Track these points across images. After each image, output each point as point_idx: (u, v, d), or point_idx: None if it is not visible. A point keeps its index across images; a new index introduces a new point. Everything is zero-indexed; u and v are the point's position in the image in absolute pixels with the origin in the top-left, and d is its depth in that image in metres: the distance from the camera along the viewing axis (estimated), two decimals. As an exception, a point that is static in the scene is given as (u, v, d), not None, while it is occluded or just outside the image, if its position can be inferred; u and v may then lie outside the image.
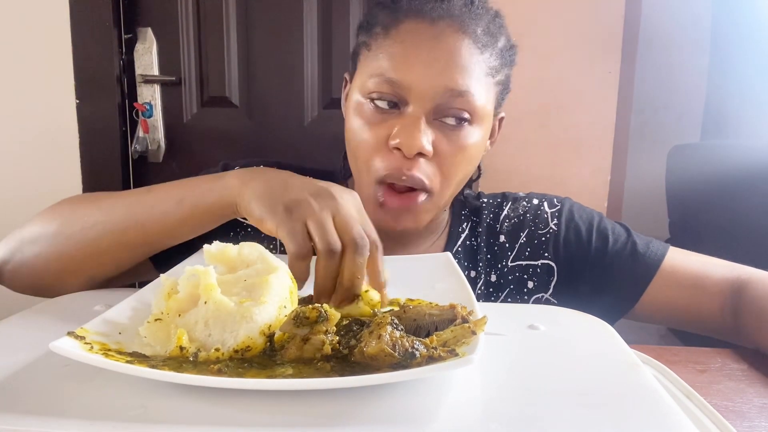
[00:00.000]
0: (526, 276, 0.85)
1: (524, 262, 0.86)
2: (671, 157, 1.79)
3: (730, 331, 0.77)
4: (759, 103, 1.78)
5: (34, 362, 0.43)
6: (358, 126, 0.76)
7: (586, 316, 0.59)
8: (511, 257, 0.86)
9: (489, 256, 0.87)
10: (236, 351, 0.43)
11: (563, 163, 1.70)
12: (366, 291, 0.56)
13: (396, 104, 0.74)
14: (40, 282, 0.72)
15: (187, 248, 0.69)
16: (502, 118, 0.87)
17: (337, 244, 0.54)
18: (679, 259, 0.82)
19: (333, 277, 0.55)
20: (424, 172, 0.73)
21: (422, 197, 0.75)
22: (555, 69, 1.65)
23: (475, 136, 0.76)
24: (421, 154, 0.72)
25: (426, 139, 0.72)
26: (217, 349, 0.43)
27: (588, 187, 1.70)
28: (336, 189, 0.60)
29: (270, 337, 0.45)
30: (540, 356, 0.48)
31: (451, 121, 0.73)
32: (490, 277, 0.85)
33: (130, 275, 0.76)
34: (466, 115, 0.74)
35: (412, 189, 0.74)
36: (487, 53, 0.75)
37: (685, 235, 1.72)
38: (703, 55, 1.95)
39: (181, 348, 0.42)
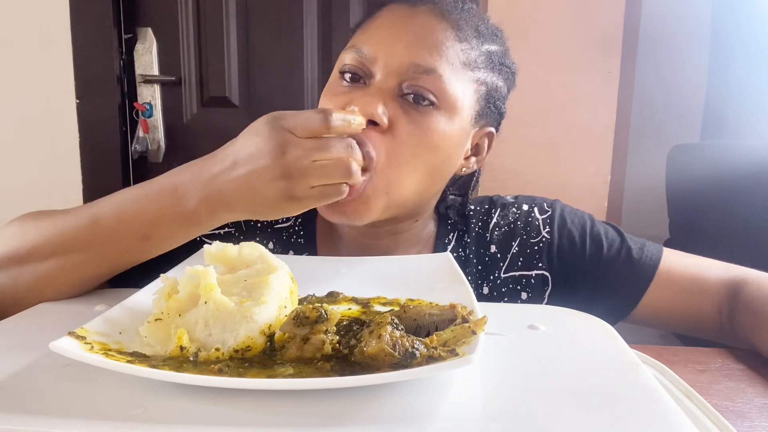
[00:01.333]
0: (519, 287, 0.82)
1: (517, 273, 0.82)
2: (671, 157, 1.79)
3: (726, 333, 0.77)
4: (759, 103, 1.78)
5: (34, 362, 0.43)
6: (323, 99, 0.75)
7: (586, 316, 0.59)
8: (504, 268, 0.83)
9: (480, 267, 0.83)
10: (236, 351, 0.43)
11: (563, 163, 1.70)
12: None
13: (362, 79, 0.72)
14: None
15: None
16: (491, 135, 0.82)
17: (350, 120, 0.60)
18: (675, 262, 0.81)
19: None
20: (370, 138, 0.67)
21: (365, 176, 0.67)
22: (555, 69, 1.65)
23: (440, 122, 0.71)
24: (373, 126, 0.67)
25: (381, 108, 0.68)
26: (217, 349, 0.43)
27: (588, 187, 1.70)
28: (269, 117, 0.60)
29: (270, 337, 0.45)
30: (540, 356, 0.48)
31: (414, 98, 0.70)
32: (482, 290, 0.83)
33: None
34: (432, 97, 0.70)
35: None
36: (467, 44, 0.73)
37: (685, 235, 1.72)
38: (703, 56, 1.95)
39: (182, 348, 0.42)
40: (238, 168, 0.58)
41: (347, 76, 0.73)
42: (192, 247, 0.67)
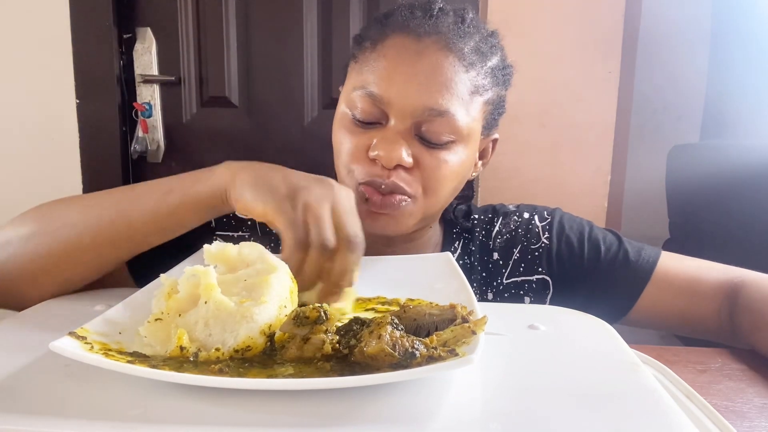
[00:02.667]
0: (522, 292, 0.84)
1: (519, 279, 0.85)
2: (671, 157, 1.79)
3: (726, 334, 0.77)
4: (759, 103, 1.78)
5: (35, 362, 0.43)
6: (341, 136, 0.78)
7: (586, 316, 0.59)
8: (506, 274, 0.85)
9: (484, 274, 0.86)
10: (236, 351, 0.43)
11: (563, 163, 1.70)
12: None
13: (378, 122, 0.75)
14: (12, 287, 0.66)
15: (167, 258, 0.66)
16: (495, 140, 0.86)
17: (332, 241, 0.54)
18: (672, 265, 0.81)
19: (320, 271, 0.55)
20: (403, 180, 0.73)
21: (403, 200, 0.75)
22: (555, 69, 1.65)
23: (459, 154, 0.75)
24: (400, 166, 0.73)
25: (405, 151, 0.72)
26: (217, 349, 0.43)
27: (588, 187, 1.70)
28: (334, 182, 0.60)
29: (270, 336, 0.45)
30: (540, 356, 0.48)
31: (431, 137, 0.73)
32: (486, 296, 0.85)
33: (106, 281, 0.72)
34: (449, 137, 0.74)
35: (393, 193, 0.74)
36: (474, 72, 0.75)
37: (686, 236, 1.72)
38: (703, 55, 1.95)
39: (182, 348, 0.42)
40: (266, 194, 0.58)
41: (361, 117, 0.75)
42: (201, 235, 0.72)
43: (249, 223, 0.86)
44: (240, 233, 0.87)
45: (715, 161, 1.63)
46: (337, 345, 0.43)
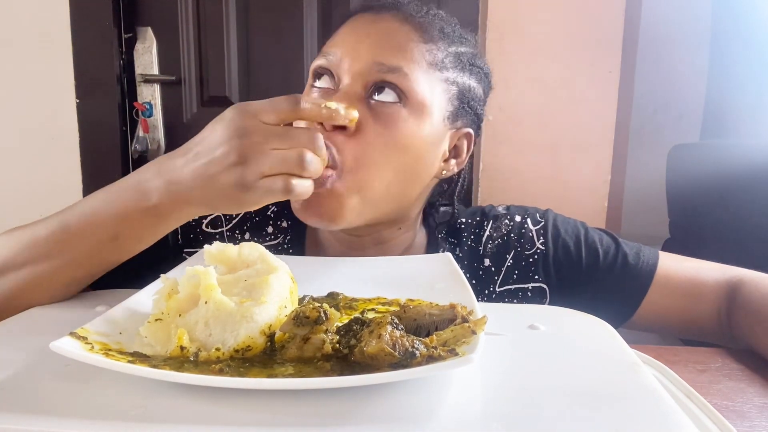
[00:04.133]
0: (516, 300, 0.81)
1: (513, 286, 0.81)
2: (671, 157, 1.79)
3: (726, 335, 0.77)
4: (759, 103, 1.78)
5: (35, 362, 0.43)
6: None
7: (586, 316, 0.59)
8: (499, 282, 0.82)
9: (474, 282, 0.82)
10: (237, 351, 0.43)
11: (563, 163, 1.70)
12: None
13: (332, 88, 0.73)
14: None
15: (132, 278, 0.63)
16: (470, 135, 0.80)
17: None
18: (672, 266, 0.80)
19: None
20: (338, 146, 0.67)
21: (330, 175, 0.67)
22: (555, 69, 1.65)
23: (408, 121, 0.70)
24: (340, 130, 0.67)
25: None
26: (217, 349, 0.43)
27: (588, 187, 1.70)
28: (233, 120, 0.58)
29: (270, 337, 0.45)
30: (540, 356, 0.48)
31: (380, 95, 0.69)
32: None
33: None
34: (398, 91, 0.69)
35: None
36: (433, 45, 0.73)
37: (686, 235, 1.72)
38: (703, 55, 1.95)
39: (182, 348, 0.42)
40: (198, 158, 0.57)
41: (317, 81, 0.74)
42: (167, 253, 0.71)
43: (217, 237, 0.85)
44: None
45: (715, 161, 1.63)
46: (337, 345, 0.43)
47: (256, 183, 0.55)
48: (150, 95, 1.81)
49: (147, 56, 1.79)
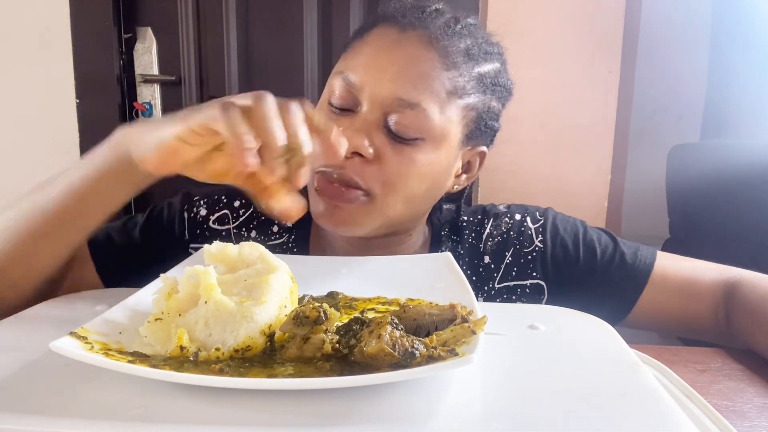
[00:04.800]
0: (514, 297, 0.82)
1: (512, 283, 0.82)
2: (671, 157, 1.79)
3: (723, 335, 0.77)
4: (759, 103, 1.78)
5: (35, 362, 0.43)
6: None
7: (586, 316, 0.59)
8: (498, 278, 0.83)
9: (474, 278, 0.83)
10: (237, 351, 0.43)
11: (563, 163, 1.70)
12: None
13: (351, 109, 0.73)
14: None
15: (140, 269, 0.64)
16: (483, 153, 0.82)
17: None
18: (669, 266, 0.81)
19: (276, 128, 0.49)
20: (359, 173, 0.70)
21: (359, 195, 0.71)
22: (555, 69, 1.65)
23: (427, 154, 0.72)
24: (360, 156, 0.70)
25: (366, 141, 0.69)
26: (217, 349, 0.43)
27: (588, 187, 1.70)
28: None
29: (270, 336, 0.45)
30: (540, 356, 0.48)
31: (400, 135, 0.71)
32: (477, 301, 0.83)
33: (67, 282, 0.73)
34: (416, 134, 0.71)
35: (346, 186, 0.71)
36: (456, 71, 0.72)
37: (685, 235, 1.72)
38: (703, 55, 1.95)
39: (182, 348, 0.42)
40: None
41: (335, 102, 0.74)
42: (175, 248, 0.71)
43: (223, 234, 0.86)
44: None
45: (715, 161, 1.63)
46: (337, 345, 0.43)
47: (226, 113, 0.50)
48: (150, 95, 1.81)
49: (147, 56, 1.79)
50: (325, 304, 0.46)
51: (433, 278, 0.62)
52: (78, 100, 1.74)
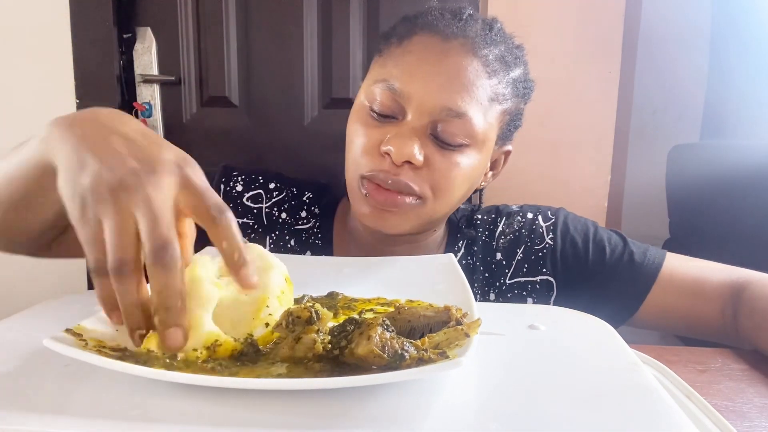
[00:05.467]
0: (525, 293, 0.84)
1: (523, 279, 0.85)
2: (671, 157, 1.79)
3: (730, 335, 0.77)
4: (759, 103, 1.78)
5: (34, 362, 0.43)
6: (356, 127, 0.77)
7: (586, 316, 0.58)
8: (509, 275, 0.85)
9: (486, 274, 0.86)
10: (207, 348, 0.42)
11: (563, 163, 1.70)
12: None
13: (394, 116, 0.74)
14: None
15: None
16: (508, 152, 0.87)
17: (126, 259, 0.39)
18: (678, 266, 0.81)
19: (136, 302, 0.41)
20: (411, 178, 0.73)
21: (412, 200, 0.74)
22: (555, 69, 1.65)
23: (471, 158, 0.75)
24: (410, 163, 0.72)
25: (418, 148, 0.71)
26: (195, 350, 0.42)
27: (588, 187, 1.70)
28: (164, 160, 0.43)
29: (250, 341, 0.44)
30: (540, 356, 0.48)
31: (447, 142, 0.73)
32: (488, 296, 0.85)
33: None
34: (463, 140, 0.73)
35: (399, 192, 0.74)
36: (496, 79, 0.75)
37: (686, 235, 1.72)
38: (703, 56, 1.95)
39: (149, 351, 0.41)
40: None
41: (379, 110, 0.75)
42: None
43: (255, 212, 0.89)
44: (245, 220, 0.89)
45: (715, 161, 1.63)
46: (329, 345, 0.42)
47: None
48: (149, 95, 1.81)
49: (146, 56, 1.79)
50: (317, 304, 0.45)
51: (434, 279, 0.62)
52: (78, 101, 1.74)
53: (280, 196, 0.91)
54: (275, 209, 0.90)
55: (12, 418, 0.35)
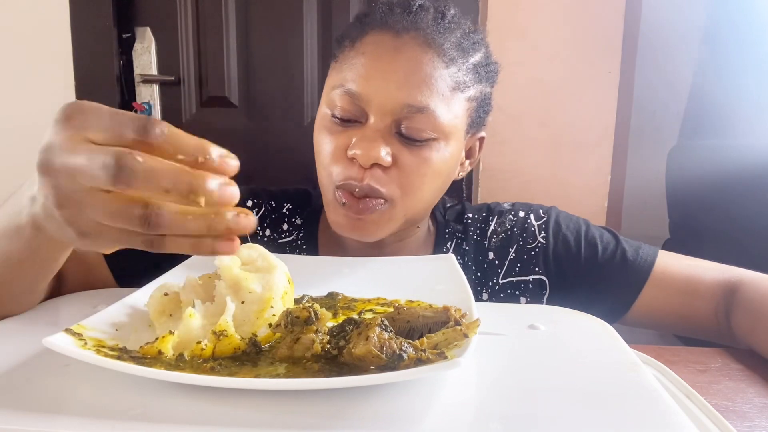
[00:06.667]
0: (518, 292, 0.84)
1: (515, 279, 0.84)
2: (671, 157, 1.79)
3: (724, 334, 0.77)
4: (758, 104, 1.78)
5: (34, 362, 0.43)
6: (321, 137, 0.77)
7: (586, 316, 0.58)
8: (502, 274, 0.84)
9: (479, 274, 0.85)
10: (214, 333, 0.43)
11: (563, 163, 1.70)
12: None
13: (357, 120, 0.73)
14: None
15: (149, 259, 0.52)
16: (482, 138, 0.85)
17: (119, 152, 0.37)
18: (670, 264, 0.81)
19: (166, 166, 0.39)
20: (380, 181, 0.71)
21: (379, 204, 0.73)
22: (555, 69, 1.65)
23: (440, 151, 0.74)
24: (378, 165, 0.71)
25: (384, 150, 0.70)
26: (198, 342, 0.42)
27: (588, 187, 1.70)
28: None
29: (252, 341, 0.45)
30: (540, 356, 0.48)
31: (413, 138, 0.72)
32: (481, 296, 0.84)
33: (94, 283, 0.68)
34: (429, 134, 0.72)
35: (368, 197, 0.73)
36: (455, 67, 0.73)
37: (685, 235, 1.72)
38: (703, 56, 1.95)
39: (160, 352, 0.41)
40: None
41: (341, 115, 0.74)
42: None
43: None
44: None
45: (715, 161, 1.64)
46: (327, 345, 0.42)
47: (97, 230, 0.40)
48: (149, 95, 1.81)
49: (146, 56, 1.79)
50: (316, 305, 0.46)
51: (434, 280, 0.62)
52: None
53: (260, 213, 0.89)
54: (258, 227, 0.87)
55: (12, 418, 0.35)
